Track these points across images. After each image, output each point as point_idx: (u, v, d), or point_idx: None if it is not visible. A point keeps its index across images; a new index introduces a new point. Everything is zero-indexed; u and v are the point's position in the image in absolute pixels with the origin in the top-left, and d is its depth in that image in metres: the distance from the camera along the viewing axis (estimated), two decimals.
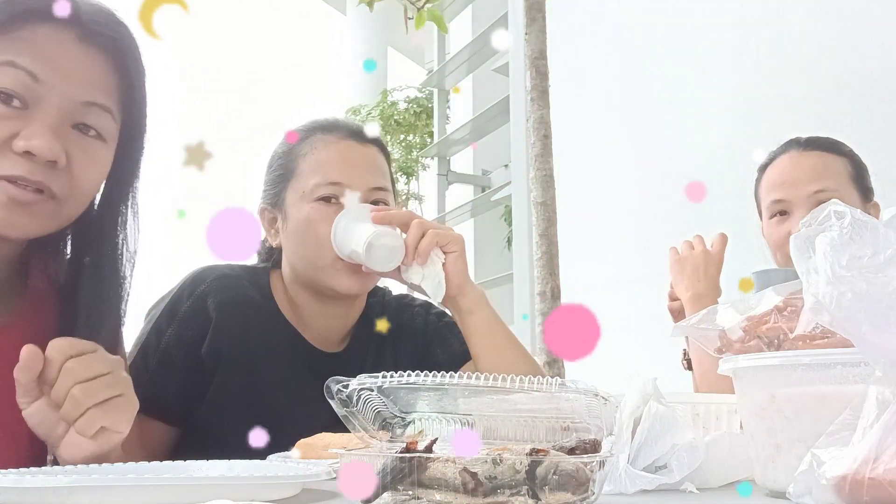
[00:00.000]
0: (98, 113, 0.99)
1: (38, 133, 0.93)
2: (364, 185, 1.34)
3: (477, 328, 1.31)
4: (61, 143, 0.95)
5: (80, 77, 0.97)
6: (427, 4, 3.18)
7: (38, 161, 0.94)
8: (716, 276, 1.68)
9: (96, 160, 1.00)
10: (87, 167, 0.99)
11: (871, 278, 0.64)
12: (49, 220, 0.98)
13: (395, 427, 0.82)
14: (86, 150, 0.98)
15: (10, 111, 0.93)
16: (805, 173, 1.65)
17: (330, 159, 1.36)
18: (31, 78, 0.94)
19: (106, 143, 1.01)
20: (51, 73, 0.95)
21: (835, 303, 0.65)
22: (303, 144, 1.38)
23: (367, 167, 1.37)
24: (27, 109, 0.94)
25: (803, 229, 0.70)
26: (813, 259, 0.68)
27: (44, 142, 0.93)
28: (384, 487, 0.65)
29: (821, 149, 1.67)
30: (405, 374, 0.74)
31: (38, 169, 0.94)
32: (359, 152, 1.38)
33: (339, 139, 1.38)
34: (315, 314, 1.39)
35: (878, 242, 0.66)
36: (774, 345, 0.81)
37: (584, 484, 0.65)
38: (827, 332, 0.74)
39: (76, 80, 0.97)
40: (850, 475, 0.62)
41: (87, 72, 0.98)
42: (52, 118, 0.95)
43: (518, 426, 0.80)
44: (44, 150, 0.93)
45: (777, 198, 1.67)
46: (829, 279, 0.65)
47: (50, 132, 0.94)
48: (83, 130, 0.98)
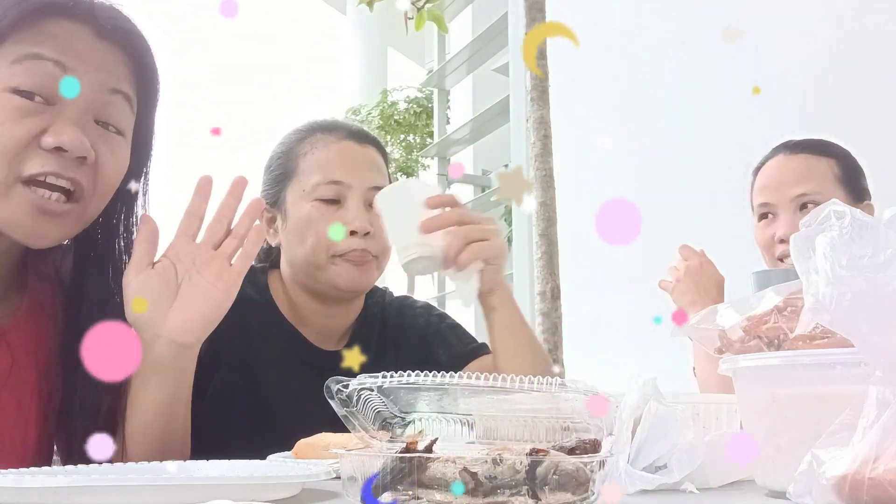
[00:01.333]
0: (120, 103, 0.99)
1: (67, 128, 0.92)
2: (364, 184, 1.34)
3: (498, 325, 1.30)
4: (89, 138, 0.94)
5: (103, 67, 0.97)
6: (427, 4, 3.18)
7: (68, 157, 0.92)
8: (721, 284, 1.70)
9: (119, 156, 1.00)
10: (112, 162, 0.98)
11: (871, 278, 0.64)
12: (74, 225, 0.98)
13: (395, 427, 0.82)
14: (110, 145, 0.98)
15: (35, 106, 0.92)
16: (789, 177, 1.67)
17: (330, 159, 1.36)
18: (59, 68, 0.92)
19: (125, 138, 1.01)
20: (77, 63, 0.94)
21: (835, 303, 0.65)
22: (303, 144, 1.39)
23: (366, 166, 1.38)
24: (52, 105, 0.93)
25: (803, 229, 0.70)
26: (813, 259, 0.68)
27: (74, 136, 0.92)
28: (384, 487, 0.65)
29: (807, 151, 1.69)
30: (405, 373, 0.74)
31: (69, 164, 0.93)
32: (358, 152, 1.38)
33: (338, 139, 1.38)
34: (313, 313, 1.39)
35: (878, 242, 0.65)
36: (774, 345, 0.81)
37: (584, 484, 0.65)
38: (827, 332, 0.74)
39: (100, 70, 0.96)
40: (850, 475, 0.62)
41: (108, 62, 0.98)
42: (78, 113, 0.94)
43: (518, 426, 0.80)
44: (76, 144, 0.92)
45: (762, 201, 1.71)
46: (829, 279, 0.65)
47: (77, 127, 0.93)
48: (104, 126, 0.98)
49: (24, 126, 0.91)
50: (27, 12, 0.92)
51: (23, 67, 0.91)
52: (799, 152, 1.70)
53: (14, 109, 0.90)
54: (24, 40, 0.92)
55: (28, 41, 0.92)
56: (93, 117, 0.96)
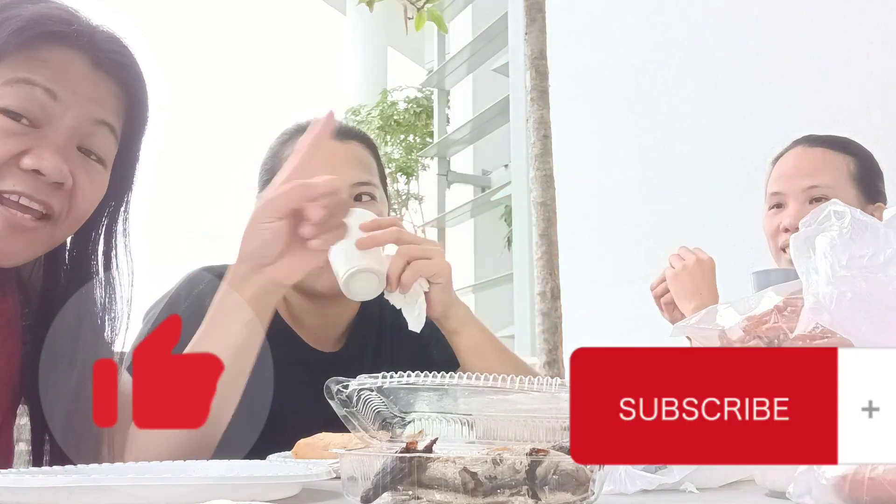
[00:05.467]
0: (104, 134, 1.00)
1: (48, 154, 0.94)
2: (346, 182, 1.33)
3: (464, 346, 1.31)
4: (68, 165, 0.96)
5: (93, 97, 0.99)
6: (427, 4, 3.18)
7: (44, 181, 0.94)
8: (714, 284, 1.70)
9: (97, 184, 1.02)
10: (88, 189, 1.00)
11: (871, 278, 0.64)
12: (43, 244, 0.99)
13: (395, 427, 0.82)
14: (89, 173, 1.00)
15: (20, 128, 0.93)
16: (803, 168, 1.68)
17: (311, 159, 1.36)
18: (48, 95, 0.94)
19: (105, 168, 1.03)
20: (67, 93, 0.96)
21: (835, 303, 0.65)
22: (285, 147, 1.38)
23: (348, 163, 1.36)
24: (37, 129, 0.94)
25: (803, 229, 0.70)
26: (813, 259, 0.68)
27: (54, 162, 0.94)
28: (384, 487, 0.65)
29: (825, 146, 1.69)
30: (405, 374, 0.74)
31: (43, 188, 0.94)
32: (340, 149, 1.37)
33: None
34: (309, 314, 1.39)
35: (878, 242, 0.66)
36: (774, 345, 0.81)
37: (584, 484, 0.65)
38: (827, 332, 0.74)
39: (90, 100, 0.98)
40: (850, 475, 0.62)
41: (99, 94, 0.99)
42: (61, 139, 0.96)
43: (518, 426, 0.80)
44: (54, 171, 0.94)
45: (774, 190, 1.71)
46: (829, 279, 0.65)
47: (59, 153, 0.95)
48: (86, 153, 1.00)
49: (6, 145, 0.93)
50: (28, 38, 0.94)
51: (13, 90, 0.93)
52: (817, 146, 1.70)
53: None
54: (18, 64, 0.94)
55: (22, 66, 0.94)
56: (76, 144, 0.98)
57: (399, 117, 8.37)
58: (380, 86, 9.18)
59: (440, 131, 6.50)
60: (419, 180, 8.55)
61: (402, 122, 8.37)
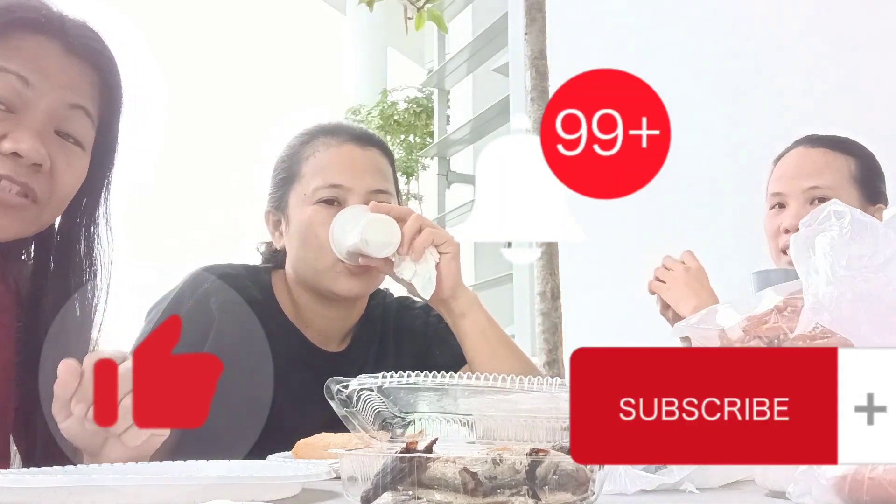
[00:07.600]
0: (80, 118, 1.02)
1: (26, 136, 0.96)
2: (364, 188, 1.34)
3: (470, 331, 1.31)
4: (46, 148, 0.98)
5: (67, 83, 1.01)
6: (427, 4, 3.19)
7: (23, 164, 0.96)
8: (707, 285, 1.69)
9: (76, 166, 1.03)
10: (68, 172, 1.02)
11: (871, 278, 0.64)
12: (30, 223, 1.01)
13: (395, 427, 0.82)
14: (67, 155, 1.02)
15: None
16: (804, 169, 1.67)
17: (331, 162, 1.36)
18: (21, 82, 0.96)
19: (84, 151, 1.05)
20: (40, 79, 0.98)
21: (835, 303, 0.65)
22: (305, 148, 1.39)
23: (367, 170, 1.37)
24: (13, 114, 0.97)
25: (803, 229, 0.70)
26: (813, 259, 0.68)
27: (31, 145, 0.96)
28: (384, 487, 0.65)
29: (826, 146, 1.69)
30: (405, 374, 0.74)
31: (23, 171, 0.97)
32: (360, 155, 1.38)
33: (340, 142, 1.38)
34: (316, 315, 1.39)
35: (878, 242, 0.66)
36: (774, 345, 0.81)
37: (584, 484, 0.65)
38: (827, 332, 0.74)
39: (63, 86, 1.00)
40: (850, 475, 0.62)
41: (73, 79, 1.02)
42: (38, 123, 0.98)
43: (518, 426, 0.79)
44: (31, 152, 0.96)
45: (775, 190, 1.70)
46: (829, 279, 0.65)
47: (36, 136, 0.97)
48: (64, 137, 1.01)
49: None
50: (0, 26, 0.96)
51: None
52: (819, 146, 1.70)
53: None
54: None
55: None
56: (53, 128, 1.00)
57: (399, 117, 8.38)
58: (380, 86, 9.18)
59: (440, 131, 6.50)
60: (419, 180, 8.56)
61: (402, 122, 8.38)
